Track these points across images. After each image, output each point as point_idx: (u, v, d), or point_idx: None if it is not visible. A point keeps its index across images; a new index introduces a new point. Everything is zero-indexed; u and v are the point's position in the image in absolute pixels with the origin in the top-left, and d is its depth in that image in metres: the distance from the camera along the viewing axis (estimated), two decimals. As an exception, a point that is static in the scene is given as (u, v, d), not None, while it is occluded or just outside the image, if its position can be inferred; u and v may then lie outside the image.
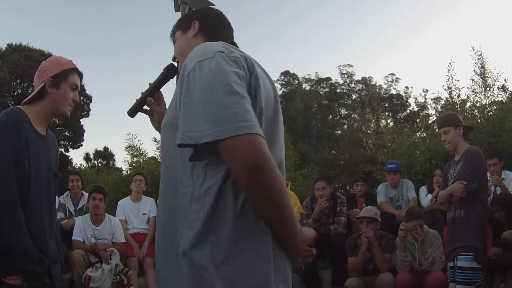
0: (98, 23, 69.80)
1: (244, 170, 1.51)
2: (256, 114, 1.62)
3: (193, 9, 11.38)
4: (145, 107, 2.41)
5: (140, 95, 2.41)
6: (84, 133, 36.25)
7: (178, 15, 11.26)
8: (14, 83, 33.13)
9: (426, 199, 8.04)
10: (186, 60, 1.73)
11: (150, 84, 2.41)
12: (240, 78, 1.62)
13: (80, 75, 3.22)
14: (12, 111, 2.94)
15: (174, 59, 2.28)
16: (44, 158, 3.02)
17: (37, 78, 3.12)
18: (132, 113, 2.43)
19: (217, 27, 2.17)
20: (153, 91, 2.42)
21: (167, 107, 2.18)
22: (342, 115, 55.12)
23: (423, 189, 8.31)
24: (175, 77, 2.35)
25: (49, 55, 33.88)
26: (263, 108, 1.71)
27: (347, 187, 19.26)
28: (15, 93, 33.37)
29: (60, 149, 36.20)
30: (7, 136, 2.79)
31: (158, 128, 2.22)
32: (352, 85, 56.77)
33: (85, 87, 35.30)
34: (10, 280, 2.78)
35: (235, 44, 2.08)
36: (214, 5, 11.83)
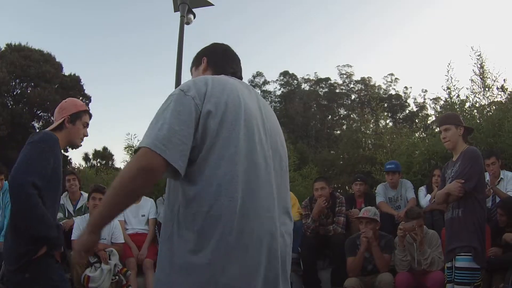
0: (97, 23, 69.71)
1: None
2: (199, 134, 2.24)
3: (193, 9, 11.38)
4: None
5: None
6: (83, 133, 36.20)
7: (178, 15, 11.33)
8: (13, 83, 33.11)
9: (425, 199, 8.03)
10: None
11: None
12: (181, 114, 2.21)
13: (90, 116, 4.09)
14: (52, 134, 3.75)
15: None
16: (61, 169, 3.81)
17: (57, 114, 3.98)
18: None
19: (221, 62, 2.80)
20: None
21: None
22: (341, 115, 55.18)
23: (422, 189, 8.31)
24: None
25: (48, 55, 34.00)
26: (212, 128, 2.25)
27: (346, 187, 19.24)
28: (14, 93, 33.38)
29: (60, 149, 36.25)
30: (49, 151, 3.61)
31: None
32: (351, 85, 56.91)
33: (84, 87, 35.36)
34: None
35: (236, 74, 2.77)
36: (213, 5, 11.89)
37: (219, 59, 2.80)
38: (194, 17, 11.65)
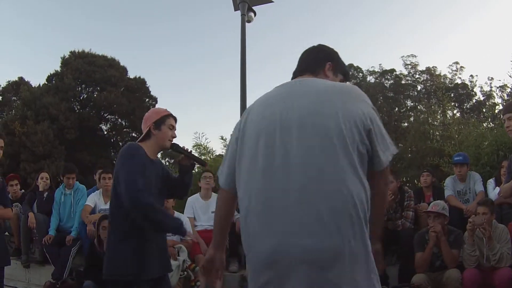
0: (159, 25, 70.76)
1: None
2: None
3: (253, 7, 11.46)
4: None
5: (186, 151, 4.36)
6: (151, 133, 36.92)
7: (238, 14, 11.42)
8: (79, 88, 34.13)
9: (494, 192, 7.76)
10: None
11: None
12: None
13: (175, 118, 4.31)
14: (132, 144, 4.13)
15: None
16: (153, 174, 4.09)
17: (143, 125, 4.25)
18: (172, 147, 4.28)
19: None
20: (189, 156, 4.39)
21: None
22: (408, 107, 54.27)
23: (491, 182, 8.06)
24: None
25: (112, 60, 34.98)
26: None
27: (415, 181, 18.99)
28: (81, 98, 34.43)
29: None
30: (131, 159, 3.93)
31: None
32: (417, 76, 55.81)
33: (150, 89, 35.98)
34: None
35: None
36: (273, 1, 11.94)
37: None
38: (255, 15, 11.73)
